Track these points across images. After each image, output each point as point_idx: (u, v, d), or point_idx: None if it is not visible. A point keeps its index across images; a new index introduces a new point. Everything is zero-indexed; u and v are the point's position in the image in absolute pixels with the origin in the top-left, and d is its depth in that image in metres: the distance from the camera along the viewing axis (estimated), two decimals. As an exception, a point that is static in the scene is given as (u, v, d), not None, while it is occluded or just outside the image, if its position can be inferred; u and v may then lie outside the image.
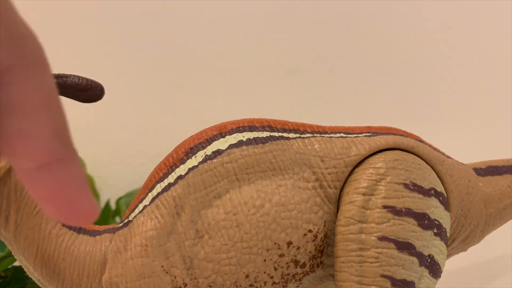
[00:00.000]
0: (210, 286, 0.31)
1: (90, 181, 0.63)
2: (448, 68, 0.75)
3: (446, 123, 0.70)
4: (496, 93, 0.72)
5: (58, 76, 0.30)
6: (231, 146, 0.32)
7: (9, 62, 0.18)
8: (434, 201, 0.33)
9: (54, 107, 0.19)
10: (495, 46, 0.74)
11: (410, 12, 0.77)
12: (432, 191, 0.33)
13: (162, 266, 0.30)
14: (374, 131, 0.35)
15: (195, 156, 0.32)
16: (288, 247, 0.31)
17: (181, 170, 0.31)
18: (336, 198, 0.32)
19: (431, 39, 0.76)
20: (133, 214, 0.32)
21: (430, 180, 0.33)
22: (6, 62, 0.17)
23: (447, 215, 0.33)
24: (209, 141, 0.32)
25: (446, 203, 0.34)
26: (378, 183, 0.32)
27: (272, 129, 0.33)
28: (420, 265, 0.31)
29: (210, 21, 0.77)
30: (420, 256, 0.31)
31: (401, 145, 0.34)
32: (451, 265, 0.44)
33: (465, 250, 0.39)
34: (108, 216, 0.58)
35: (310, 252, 0.32)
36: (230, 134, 0.32)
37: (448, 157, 0.38)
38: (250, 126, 0.33)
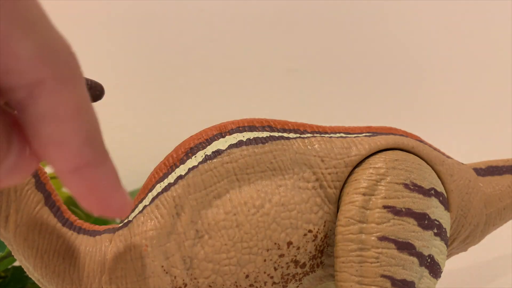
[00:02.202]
0: (210, 286, 0.31)
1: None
2: (448, 68, 0.75)
3: (446, 123, 0.70)
4: (496, 93, 0.72)
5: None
6: (231, 146, 0.32)
7: (41, 75, 0.19)
8: (434, 201, 0.33)
9: (85, 115, 0.20)
10: (495, 46, 0.74)
11: (410, 12, 0.77)
12: (432, 191, 0.33)
13: (162, 266, 0.30)
14: (374, 131, 0.35)
15: (195, 156, 0.32)
16: (288, 247, 0.31)
17: (181, 170, 0.31)
18: (336, 198, 0.32)
19: (431, 39, 0.76)
20: (133, 214, 0.32)
21: (430, 180, 0.33)
22: (38, 75, 0.19)
23: (447, 215, 0.33)
24: (209, 141, 0.32)
25: (446, 203, 0.34)
26: (378, 183, 0.32)
27: (272, 129, 0.33)
28: (420, 265, 0.31)
29: (210, 21, 0.77)
30: (420, 256, 0.31)
31: (401, 145, 0.34)
32: (451, 265, 0.44)
33: (465, 250, 0.39)
34: (108, 216, 0.58)
35: (310, 252, 0.32)
36: (230, 134, 0.32)
37: (448, 157, 0.38)
38: (250, 126, 0.33)
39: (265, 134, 0.32)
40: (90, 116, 0.21)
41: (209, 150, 0.32)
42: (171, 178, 0.31)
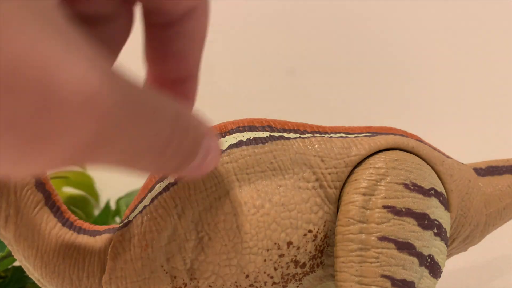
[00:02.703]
0: (210, 286, 0.31)
1: (90, 181, 0.63)
2: (448, 68, 0.75)
3: (446, 123, 0.70)
4: (496, 93, 0.72)
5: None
6: (231, 146, 0.32)
7: (198, 2, 0.24)
8: (434, 201, 0.33)
9: (206, 37, 0.26)
10: (495, 46, 0.74)
11: (410, 12, 0.77)
12: (432, 191, 0.33)
13: (162, 267, 0.30)
14: (374, 131, 0.35)
15: (195, 156, 0.31)
16: (288, 247, 0.31)
17: (181, 170, 0.31)
18: (336, 198, 0.32)
19: (431, 39, 0.76)
20: (133, 214, 0.32)
21: (430, 180, 0.33)
22: (196, 2, 0.24)
23: (447, 215, 0.33)
24: (209, 141, 0.32)
25: (446, 203, 0.34)
26: (378, 183, 0.32)
27: (272, 129, 0.33)
28: (420, 265, 0.31)
29: (210, 21, 0.77)
30: (420, 256, 0.31)
31: (401, 145, 0.34)
32: (451, 265, 0.44)
33: (465, 250, 0.39)
34: (108, 216, 0.58)
35: (310, 252, 0.32)
36: (230, 134, 0.32)
37: (448, 157, 0.38)
38: (250, 126, 0.33)
39: (265, 134, 0.32)
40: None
41: (209, 150, 0.31)
42: (171, 178, 0.31)
